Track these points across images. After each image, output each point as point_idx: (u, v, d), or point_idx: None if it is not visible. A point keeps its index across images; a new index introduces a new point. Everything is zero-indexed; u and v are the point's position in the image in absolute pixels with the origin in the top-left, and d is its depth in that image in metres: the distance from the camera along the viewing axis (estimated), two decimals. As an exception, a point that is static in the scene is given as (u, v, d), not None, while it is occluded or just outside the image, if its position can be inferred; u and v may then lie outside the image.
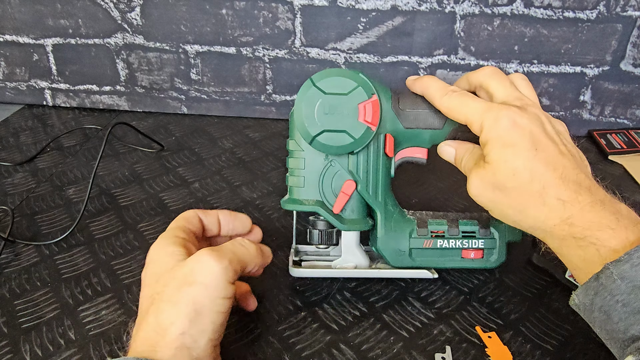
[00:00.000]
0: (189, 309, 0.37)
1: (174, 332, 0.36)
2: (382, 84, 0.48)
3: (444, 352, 0.45)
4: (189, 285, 0.38)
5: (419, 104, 0.48)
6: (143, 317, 0.39)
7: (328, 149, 0.46)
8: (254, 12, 0.80)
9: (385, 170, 0.49)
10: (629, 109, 0.83)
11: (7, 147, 0.79)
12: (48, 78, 0.90)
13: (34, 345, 0.45)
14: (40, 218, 0.62)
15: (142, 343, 0.37)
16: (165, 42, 0.84)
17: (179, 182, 0.71)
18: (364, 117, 0.45)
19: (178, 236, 0.43)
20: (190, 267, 0.39)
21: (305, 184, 0.48)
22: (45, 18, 0.84)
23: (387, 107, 0.48)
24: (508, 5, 0.76)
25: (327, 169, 0.48)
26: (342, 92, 0.45)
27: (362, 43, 0.81)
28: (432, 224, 0.51)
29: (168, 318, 0.37)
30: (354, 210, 0.49)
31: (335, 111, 0.45)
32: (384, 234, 0.50)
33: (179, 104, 0.91)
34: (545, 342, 0.46)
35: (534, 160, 0.39)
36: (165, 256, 0.41)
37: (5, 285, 0.52)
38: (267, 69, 0.86)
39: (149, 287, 0.41)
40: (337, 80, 0.45)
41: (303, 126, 0.45)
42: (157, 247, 0.43)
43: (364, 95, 0.45)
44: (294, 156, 0.48)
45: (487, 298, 0.52)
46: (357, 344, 0.46)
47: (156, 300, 0.38)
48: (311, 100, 0.45)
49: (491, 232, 0.51)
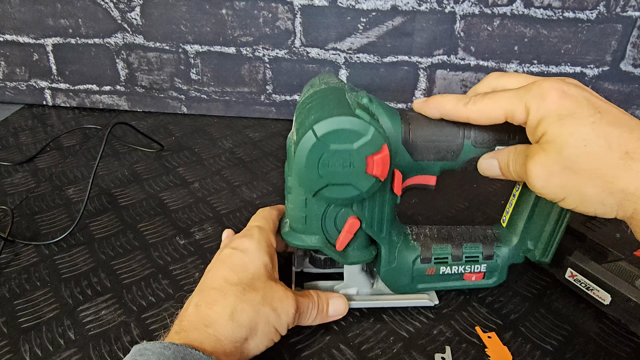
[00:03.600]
0: (251, 322, 0.41)
1: (239, 339, 0.40)
2: (390, 112, 0.43)
3: (443, 352, 0.45)
4: (269, 306, 0.42)
5: (431, 134, 0.43)
6: (212, 299, 0.41)
7: (332, 200, 0.43)
8: (254, 12, 0.80)
9: (391, 206, 0.45)
10: (629, 109, 0.83)
11: (7, 147, 0.79)
12: (48, 78, 0.90)
13: (34, 345, 0.45)
14: (40, 218, 0.62)
15: (192, 326, 0.40)
16: (165, 42, 0.84)
17: (179, 182, 0.71)
18: (372, 170, 0.40)
19: (270, 245, 0.47)
20: (277, 294, 0.43)
21: (307, 222, 0.45)
22: (45, 18, 0.84)
23: (397, 141, 0.43)
24: (508, 6, 0.76)
25: (330, 207, 0.44)
26: (348, 145, 0.39)
27: (362, 43, 0.81)
28: (436, 250, 0.48)
29: (240, 319, 0.40)
30: (357, 246, 0.47)
31: (340, 165, 0.40)
32: (387, 266, 0.48)
33: (179, 104, 0.91)
34: (545, 342, 0.46)
35: (602, 124, 0.34)
36: (261, 266, 0.45)
37: (5, 285, 0.52)
38: (267, 69, 0.86)
39: (234, 274, 0.43)
40: (343, 133, 0.39)
41: (304, 180, 0.40)
42: (256, 250, 0.45)
43: (373, 148, 0.39)
44: (293, 193, 0.44)
45: (487, 298, 0.52)
46: (357, 344, 0.46)
47: (231, 293, 0.41)
48: (314, 154, 0.39)
49: (495, 256, 0.49)
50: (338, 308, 0.47)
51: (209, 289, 0.42)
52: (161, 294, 0.51)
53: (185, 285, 0.52)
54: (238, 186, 0.70)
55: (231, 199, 0.67)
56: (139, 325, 0.47)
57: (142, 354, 0.36)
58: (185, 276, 0.53)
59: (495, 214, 0.65)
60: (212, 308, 0.40)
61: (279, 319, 0.42)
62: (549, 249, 0.48)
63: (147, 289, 0.52)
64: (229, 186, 0.70)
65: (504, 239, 0.50)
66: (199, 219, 0.63)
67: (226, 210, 0.65)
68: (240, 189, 0.70)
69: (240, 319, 0.40)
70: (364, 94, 0.43)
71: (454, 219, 0.64)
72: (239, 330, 0.40)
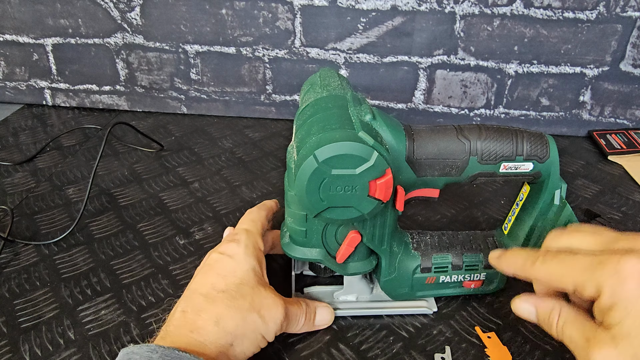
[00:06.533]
0: (238, 326, 0.41)
1: (225, 344, 0.40)
2: (394, 128, 0.42)
3: (443, 352, 0.45)
4: (257, 313, 0.42)
5: (437, 151, 0.43)
6: (199, 306, 0.41)
7: (333, 220, 0.42)
8: (254, 12, 0.80)
9: (393, 220, 0.44)
10: (629, 110, 0.83)
11: (6, 147, 0.79)
12: (48, 78, 0.90)
13: (34, 345, 0.45)
14: (40, 218, 0.62)
15: (179, 332, 0.40)
16: (165, 42, 0.84)
17: (179, 182, 0.71)
18: (375, 193, 0.39)
19: (258, 249, 0.47)
20: (266, 301, 0.43)
21: (307, 236, 0.44)
22: (45, 18, 0.84)
23: (401, 159, 0.42)
24: (508, 6, 0.76)
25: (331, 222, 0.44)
26: (351, 169, 0.38)
27: (362, 43, 0.81)
28: (436, 260, 0.48)
29: (226, 326, 0.40)
30: (358, 258, 0.46)
31: (342, 189, 0.39)
32: (387, 276, 0.48)
33: (179, 104, 0.91)
34: (544, 342, 0.46)
35: None
36: (250, 271, 0.44)
37: (5, 285, 0.52)
38: (267, 69, 0.86)
39: (222, 279, 0.43)
40: (345, 158, 0.37)
41: (305, 203, 0.40)
42: (243, 255, 0.45)
43: (376, 172, 0.38)
44: (293, 209, 0.43)
45: (487, 298, 0.52)
46: (357, 344, 0.46)
47: (218, 300, 0.41)
48: (315, 179, 0.38)
49: None
50: (324, 317, 0.48)
51: (197, 295, 0.42)
52: (161, 294, 0.51)
53: (185, 285, 0.52)
54: (238, 186, 0.70)
55: (231, 199, 0.67)
56: (138, 325, 0.47)
57: (129, 357, 0.36)
58: (185, 276, 0.53)
59: (495, 214, 0.65)
60: (198, 314, 0.40)
61: (266, 326, 0.42)
62: None
63: (147, 289, 0.52)
64: (228, 186, 0.70)
65: (505, 247, 0.49)
66: (198, 219, 0.63)
67: (226, 210, 0.65)
68: (240, 188, 0.70)
69: (226, 326, 0.40)
70: (367, 109, 0.42)
71: (454, 218, 0.64)
72: (225, 336, 0.40)
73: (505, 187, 0.71)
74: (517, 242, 0.48)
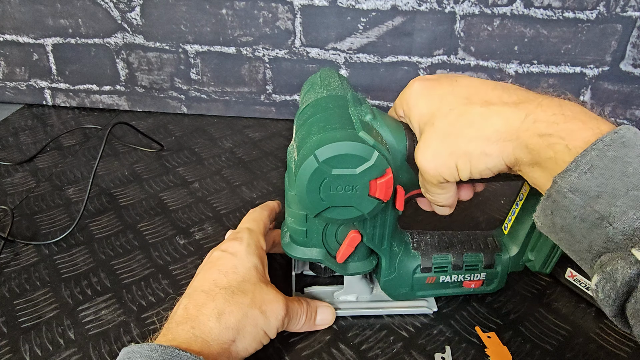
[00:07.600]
0: (239, 320, 0.41)
1: (226, 340, 0.40)
2: (395, 128, 0.42)
3: (443, 352, 0.45)
4: (258, 309, 0.42)
5: None
6: (200, 302, 0.41)
7: (334, 220, 0.42)
8: (254, 12, 0.80)
9: (393, 220, 0.45)
10: (629, 109, 0.83)
11: (6, 147, 0.79)
12: (48, 78, 0.90)
13: (34, 345, 0.45)
14: (40, 218, 0.62)
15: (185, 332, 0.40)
16: (165, 42, 0.84)
17: (179, 182, 0.71)
18: (375, 192, 0.39)
19: (260, 247, 0.47)
20: (267, 297, 0.43)
21: (308, 236, 0.44)
22: (45, 18, 0.84)
23: (401, 159, 0.42)
24: (508, 6, 0.76)
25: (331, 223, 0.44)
26: (351, 169, 0.38)
27: (362, 43, 0.81)
28: (436, 260, 0.48)
29: (227, 322, 0.40)
30: (358, 258, 0.46)
31: (342, 189, 0.39)
32: (387, 276, 0.48)
33: (179, 104, 0.91)
34: (544, 342, 0.46)
35: (459, 87, 0.38)
36: (251, 268, 0.45)
37: (5, 285, 0.52)
38: (267, 69, 0.86)
39: (224, 276, 0.43)
40: (345, 157, 0.37)
41: (306, 203, 0.40)
42: (245, 253, 0.45)
43: (377, 172, 0.38)
44: (293, 209, 0.43)
45: (487, 298, 0.52)
46: (357, 344, 0.46)
47: (219, 296, 0.41)
48: (315, 179, 0.38)
49: (495, 265, 0.49)
50: (325, 317, 0.48)
51: (198, 292, 0.42)
52: (161, 294, 0.51)
53: (185, 285, 0.52)
54: (238, 186, 0.70)
55: (231, 199, 0.67)
56: (138, 325, 0.47)
57: (130, 357, 0.36)
58: (185, 276, 0.53)
59: (495, 214, 0.65)
60: (200, 310, 0.40)
61: (267, 322, 0.42)
62: (550, 261, 0.48)
63: (147, 288, 0.52)
64: (228, 186, 0.70)
65: (505, 247, 0.50)
66: (198, 218, 0.63)
67: (226, 210, 0.65)
68: (240, 188, 0.70)
69: (228, 321, 0.40)
70: (367, 109, 0.42)
71: (454, 218, 0.64)
72: (226, 332, 0.40)
73: (505, 187, 0.71)
74: (517, 242, 0.48)
